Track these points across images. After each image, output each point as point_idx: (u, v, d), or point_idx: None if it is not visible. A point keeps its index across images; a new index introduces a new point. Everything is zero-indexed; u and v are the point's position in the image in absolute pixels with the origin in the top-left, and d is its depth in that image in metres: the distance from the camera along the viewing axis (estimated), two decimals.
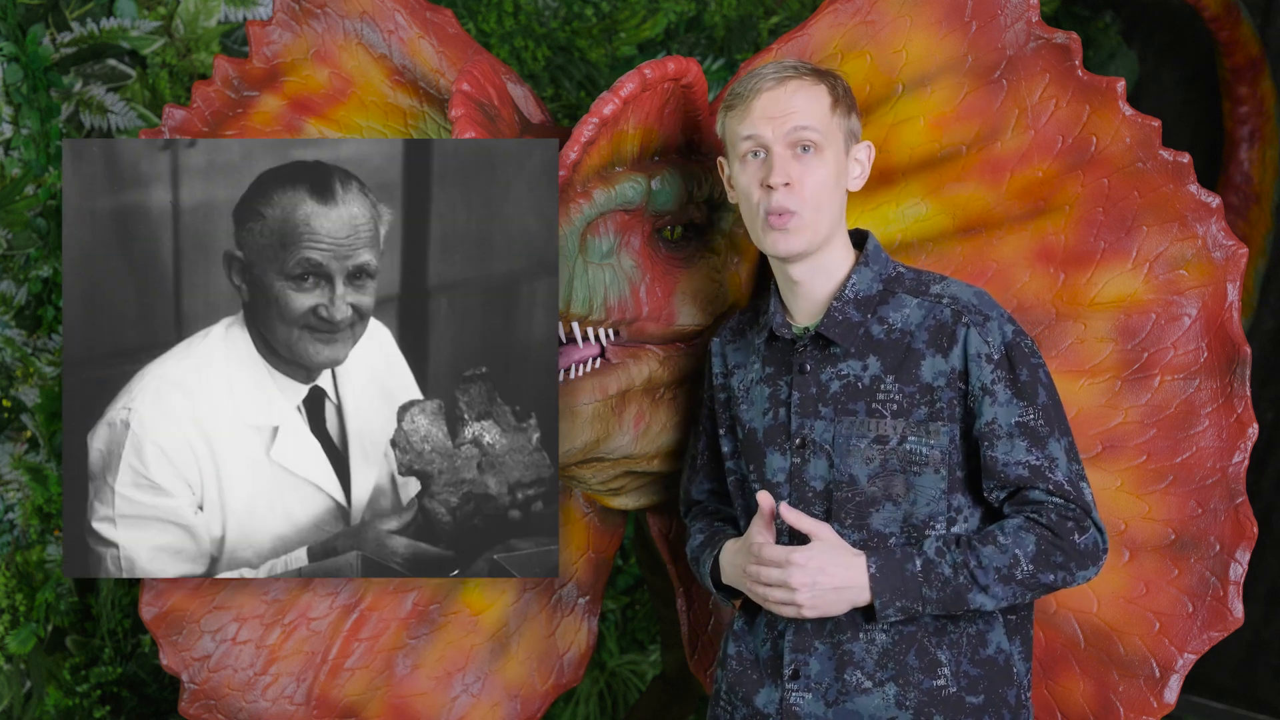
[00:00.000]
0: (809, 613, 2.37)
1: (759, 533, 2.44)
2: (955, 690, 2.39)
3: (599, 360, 2.67)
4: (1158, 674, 2.72)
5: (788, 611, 2.39)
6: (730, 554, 2.52)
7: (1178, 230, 2.71)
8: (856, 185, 2.51)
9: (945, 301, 2.44)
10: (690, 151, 2.75)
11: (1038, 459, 2.37)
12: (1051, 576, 2.36)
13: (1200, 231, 2.71)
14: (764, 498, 2.43)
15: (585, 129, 2.51)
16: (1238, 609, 2.70)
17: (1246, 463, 2.70)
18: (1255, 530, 2.70)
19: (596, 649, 3.76)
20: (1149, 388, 2.72)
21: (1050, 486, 2.37)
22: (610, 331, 2.67)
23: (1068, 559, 2.35)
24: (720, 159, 2.57)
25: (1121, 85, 2.74)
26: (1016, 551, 2.33)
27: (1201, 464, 2.71)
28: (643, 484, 2.91)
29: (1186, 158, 2.72)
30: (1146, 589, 2.73)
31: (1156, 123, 2.73)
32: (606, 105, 2.52)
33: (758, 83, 2.44)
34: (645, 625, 4.77)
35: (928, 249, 2.79)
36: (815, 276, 2.47)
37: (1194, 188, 2.72)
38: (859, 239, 2.54)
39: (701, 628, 3.01)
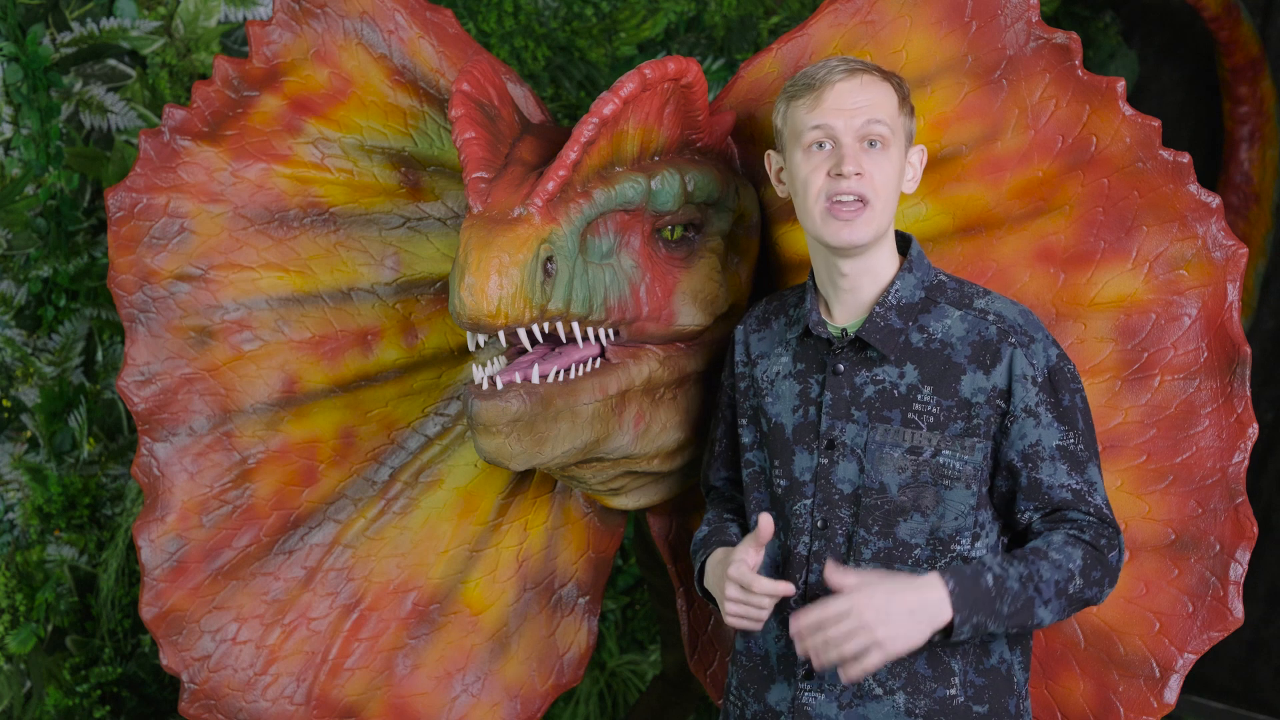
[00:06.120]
0: (892, 646, 2.22)
1: (750, 554, 2.34)
2: (963, 700, 2.39)
3: (599, 360, 2.67)
4: (1158, 674, 2.72)
5: (872, 660, 2.21)
6: (715, 563, 2.49)
7: (1178, 230, 2.71)
8: (910, 188, 2.51)
9: (991, 319, 2.42)
10: (690, 151, 2.74)
11: (1078, 483, 2.38)
12: (1091, 592, 2.36)
13: (1200, 231, 2.70)
14: (764, 521, 2.33)
15: (585, 129, 2.50)
16: (1238, 609, 2.70)
17: (1246, 463, 2.70)
18: (1255, 530, 2.70)
19: (596, 649, 3.75)
20: (1149, 388, 2.72)
21: (1090, 509, 2.38)
22: (610, 331, 2.67)
23: (1104, 575, 2.36)
24: (770, 152, 2.56)
25: (1121, 85, 2.74)
26: (1070, 566, 2.32)
27: (1201, 464, 2.71)
28: (643, 484, 2.91)
29: (1186, 158, 2.72)
30: (1146, 589, 2.73)
31: (1156, 123, 2.73)
32: (606, 105, 2.51)
33: (828, 74, 2.41)
34: (645, 625, 4.77)
35: (928, 249, 2.79)
36: (862, 275, 2.46)
37: (1194, 188, 2.71)
38: (901, 244, 2.53)
39: (701, 628, 3.01)
